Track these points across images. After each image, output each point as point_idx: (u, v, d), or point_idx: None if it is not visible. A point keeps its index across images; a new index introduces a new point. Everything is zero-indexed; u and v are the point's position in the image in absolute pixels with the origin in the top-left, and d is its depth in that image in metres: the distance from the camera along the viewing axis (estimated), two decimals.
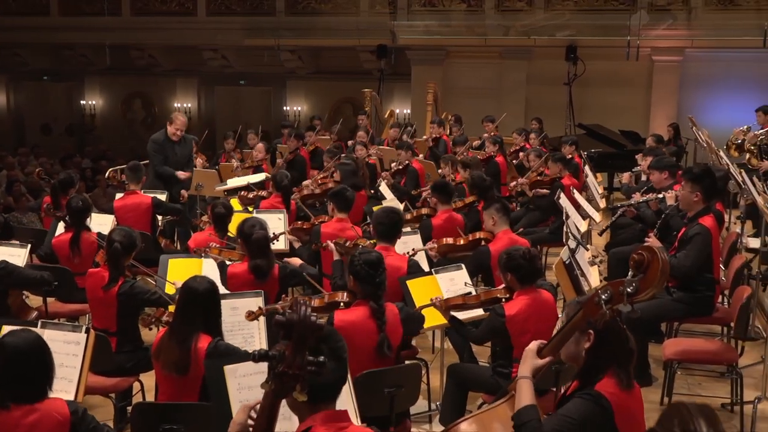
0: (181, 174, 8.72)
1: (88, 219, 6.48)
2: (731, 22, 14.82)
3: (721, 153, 8.37)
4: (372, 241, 5.72)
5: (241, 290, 4.93)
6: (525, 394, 2.98)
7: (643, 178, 8.13)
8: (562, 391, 3.30)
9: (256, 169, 9.58)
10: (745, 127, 10.59)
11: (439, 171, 9.21)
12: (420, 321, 4.69)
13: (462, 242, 6.23)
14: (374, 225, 5.56)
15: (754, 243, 7.18)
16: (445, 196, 6.97)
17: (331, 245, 5.58)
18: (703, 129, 10.05)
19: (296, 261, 5.75)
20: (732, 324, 5.27)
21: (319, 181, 8.59)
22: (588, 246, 6.62)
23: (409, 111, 17.60)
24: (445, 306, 4.73)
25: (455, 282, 5.22)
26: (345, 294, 4.51)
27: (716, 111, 14.59)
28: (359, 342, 4.08)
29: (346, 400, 3.56)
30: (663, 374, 5.33)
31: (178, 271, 5.37)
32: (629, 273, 2.94)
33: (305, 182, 8.67)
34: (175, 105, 20.05)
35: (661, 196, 6.35)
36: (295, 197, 7.69)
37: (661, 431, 2.09)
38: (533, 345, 3.08)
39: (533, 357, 3.04)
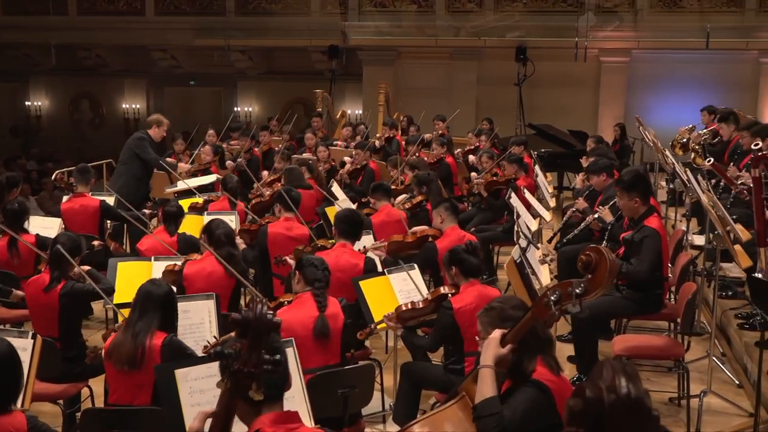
0: (183, 165, 8.88)
1: (27, 222, 6.32)
2: (675, 24, 15.16)
3: (667, 152, 8.52)
4: (331, 241, 5.76)
5: (201, 287, 4.97)
6: (487, 385, 2.99)
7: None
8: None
9: (205, 172, 9.48)
10: (690, 126, 10.81)
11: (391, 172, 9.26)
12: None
13: (410, 239, 6.27)
14: (336, 223, 5.67)
15: (699, 240, 7.31)
16: (382, 193, 7.17)
17: (290, 261, 5.60)
18: (650, 129, 10.22)
19: None
20: (678, 320, 5.38)
21: (269, 182, 8.57)
22: (539, 245, 6.69)
23: (361, 111, 17.62)
24: (397, 316, 4.77)
25: (408, 282, 5.24)
26: (289, 295, 4.56)
27: (662, 111, 14.90)
28: (301, 330, 4.20)
29: (299, 402, 3.55)
30: None
31: (127, 276, 5.31)
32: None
33: (257, 184, 8.63)
34: (124, 106, 19.77)
35: (596, 216, 6.50)
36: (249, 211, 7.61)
37: (588, 386, 2.23)
38: (496, 333, 3.09)
39: (496, 346, 3.05)
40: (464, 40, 16.01)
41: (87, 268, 4.97)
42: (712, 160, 7.67)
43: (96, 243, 6.40)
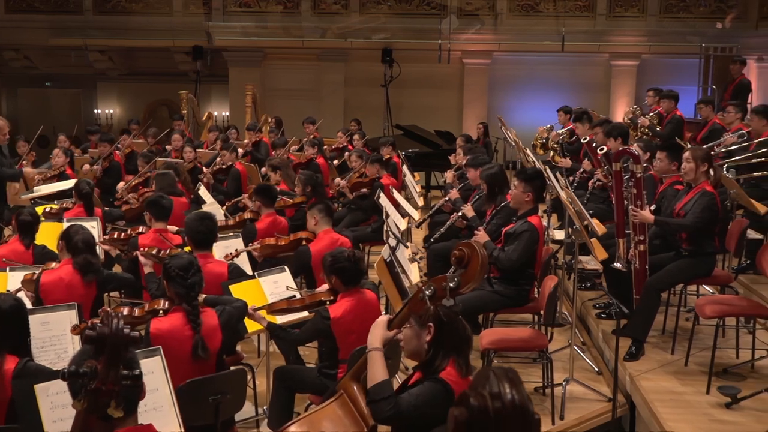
0: (29, 170, 8.41)
1: None
2: (533, 27, 15.77)
3: (528, 151, 8.85)
4: (188, 249, 5.57)
5: (59, 297, 4.73)
6: (378, 368, 3.00)
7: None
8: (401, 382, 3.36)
9: (61, 176, 9.05)
10: (549, 125, 11.28)
11: (267, 173, 9.13)
12: (242, 315, 4.59)
13: (283, 242, 6.23)
14: (188, 234, 5.33)
15: (559, 235, 7.64)
16: (268, 199, 6.94)
17: (142, 257, 5.39)
18: (511, 128, 10.58)
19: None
20: (542, 312, 5.59)
21: (134, 186, 8.30)
22: (408, 243, 6.79)
23: (227, 113, 17.35)
24: (270, 311, 4.71)
25: (279, 284, 5.21)
26: (165, 302, 4.38)
27: (522, 111, 15.46)
28: (176, 349, 3.97)
29: (168, 411, 3.46)
30: (481, 363, 5.56)
31: None
32: (451, 269, 3.05)
33: (119, 185, 8.33)
34: None
35: (460, 213, 6.69)
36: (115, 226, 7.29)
37: (472, 395, 2.24)
38: (383, 318, 3.11)
39: (383, 328, 3.05)
40: (331, 41, 16.06)
41: None
42: (586, 139, 8.04)
43: None
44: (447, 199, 7.43)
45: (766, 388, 5.11)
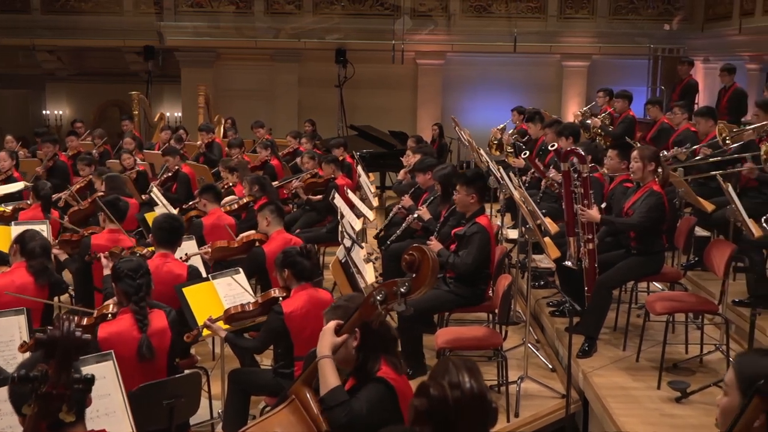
0: None
1: None
2: (486, 28, 15.89)
3: (481, 151, 8.92)
4: (150, 249, 5.53)
5: (7, 301, 4.67)
6: (329, 375, 2.99)
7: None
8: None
9: (8, 180, 8.87)
10: (502, 126, 11.38)
11: (223, 175, 9.07)
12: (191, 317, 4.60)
13: (236, 245, 6.19)
14: (153, 231, 5.40)
15: (513, 234, 7.70)
16: (213, 196, 7.04)
17: (104, 259, 5.33)
18: (465, 129, 10.65)
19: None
20: (496, 311, 5.64)
21: (77, 189, 8.20)
22: (363, 244, 6.80)
23: (180, 114, 17.17)
24: (226, 317, 4.68)
25: (233, 287, 5.17)
26: (113, 305, 4.33)
27: (475, 111, 15.57)
28: (124, 351, 3.96)
29: (121, 417, 3.42)
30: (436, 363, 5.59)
31: None
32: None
33: (62, 194, 8.23)
34: None
35: (416, 215, 6.73)
36: (66, 223, 7.17)
37: (432, 385, 2.27)
38: (331, 324, 3.11)
39: (331, 334, 3.05)
40: (284, 41, 15.98)
41: None
42: (528, 153, 8.12)
43: None
44: (400, 206, 7.46)
45: (715, 382, 5.22)
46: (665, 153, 7.44)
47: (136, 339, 4.06)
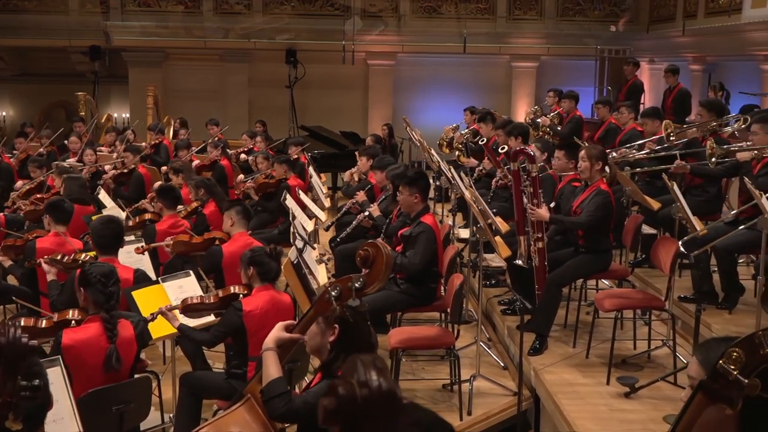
0: None
1: None
2: (436, 29, 15.98)
3: (432, 151, 8.96)
4: (92, 254, 5.41)
5: None
6: (271, 366, 3.01)
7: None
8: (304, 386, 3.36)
9: None
10: (454, 125, 11.45)
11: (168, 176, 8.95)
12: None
13: (197, 240, 6.14)
14: (93, 238, 5.22)
15: (464, 233, 7.75)
16: (170, 201, 6.84)
17: (45, 265, 5.21)
18: (416, 129, 10.69)
19: None
20: (449, 310, 5.68)
21: (26, 191, 8.03)
22: (315, 245, 6.79)
23: (128, 114, 16.92)
24: (183, 307, 4.62)
25: (184, 289, 5.11)
26: (76, 311, 4.21)
27: (427, 111, 15.64)
28: (91, 359, 3.88)
29: (69, 423, 3.36)
30: (390, 362, 5.61)
31: None
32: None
33: (12, 195, 8.03)
34: None
35: (366, 213, 6.75)
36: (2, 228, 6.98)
37: (340, 384, 2.28)
38: (283, 322, 3.11)
39: (279, 329, 3.06)
40: (233, 42, 15.87)
41: None
42: (485, 140, 8.22)
43: None
44: (354, 201, 7.47)
45: (662, 377, 5.34)
46: (614, 154, 7.57)
47: (104, 348, 3.94)
